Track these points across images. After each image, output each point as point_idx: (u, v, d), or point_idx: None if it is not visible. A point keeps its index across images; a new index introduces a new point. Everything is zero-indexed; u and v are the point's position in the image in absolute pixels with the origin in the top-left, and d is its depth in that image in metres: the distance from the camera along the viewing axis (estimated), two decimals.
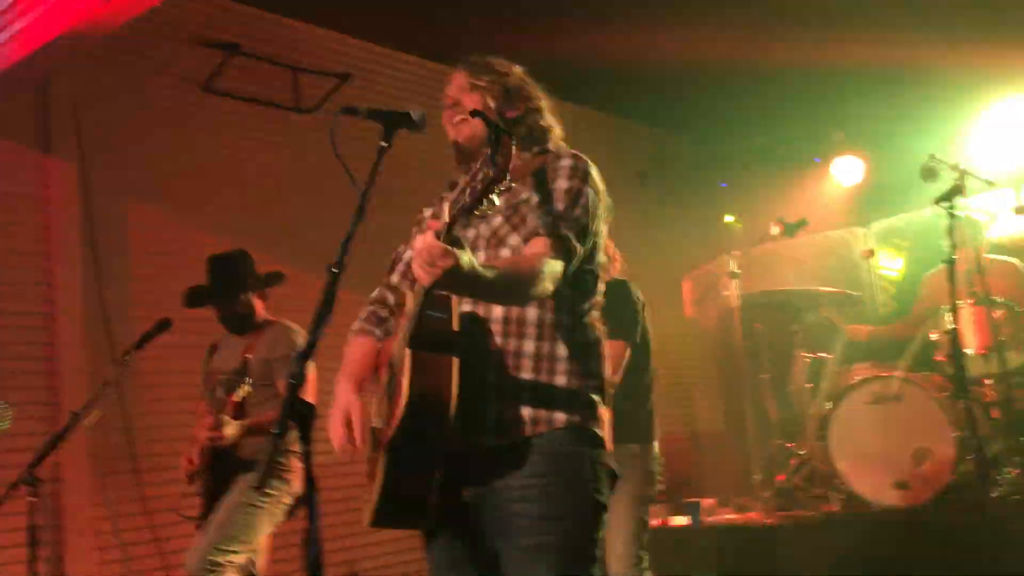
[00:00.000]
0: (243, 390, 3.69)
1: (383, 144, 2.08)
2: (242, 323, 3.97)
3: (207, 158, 5.29)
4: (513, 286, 2.01)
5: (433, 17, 5.79)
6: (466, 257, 1.80)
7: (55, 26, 3.92)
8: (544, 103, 2.35)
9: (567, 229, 2.09)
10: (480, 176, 1.78)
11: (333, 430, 2.14)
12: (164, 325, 3.80)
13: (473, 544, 2.15)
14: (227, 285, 3.95)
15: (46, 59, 4.18)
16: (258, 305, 4.06)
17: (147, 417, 4.79)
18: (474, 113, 2.05)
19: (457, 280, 1.81)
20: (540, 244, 2.07)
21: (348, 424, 2.12)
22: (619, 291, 3.73)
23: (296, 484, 3.77)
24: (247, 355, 3.86)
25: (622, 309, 3.69)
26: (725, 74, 6.80)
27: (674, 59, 6.54)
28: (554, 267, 2.04)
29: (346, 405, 2.16)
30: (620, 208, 2.34)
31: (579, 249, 2.12)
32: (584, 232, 2.14)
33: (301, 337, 3.85)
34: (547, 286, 2.03)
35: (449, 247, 1.77)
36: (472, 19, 5.73)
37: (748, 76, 6.84)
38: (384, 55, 6.23)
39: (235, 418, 3.72)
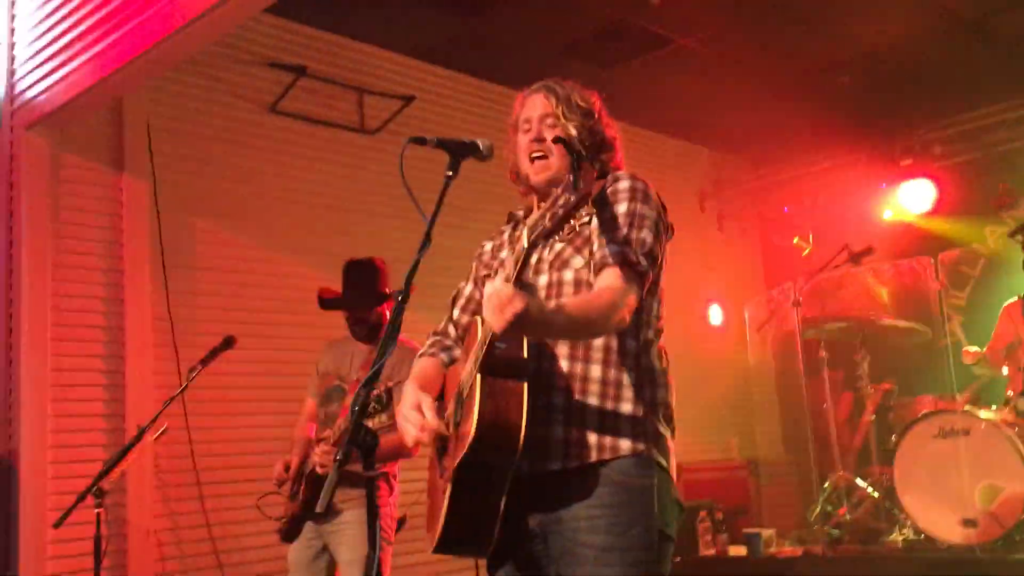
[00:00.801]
0: (379, 420, 3.57)
1: (449, 173, 2.09)
2: (370, 334, 3.83)
3: (273, 178, 5.39)
4: (588, 325, 2.01)
5: (497, 41, 5.83)
6: (535, 302, 1.81)
7: (131, 49, 4.03)
8: (614, 133, 2.34)
9: (635, 255, 2.07)
10: (561, 202, 1.78)
11: (404, 423, 2.11)
12: (229, 342, 3.85)
13: (536, 571, 2.13)
14: (363, 293, 3.86)
15: (122, 81, 4.30)
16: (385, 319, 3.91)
17: (209, 431, 4.87)
18: (556, 140, 2.03)
19: (527, 325, 1.82)
20: (611, 276, 2.05)
21: (419, 410, 2.09)
22: None
23: (392, 509, 3.74)
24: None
25: None
26: (790, 96, 6.74)
27: (738, 80, 6.51)
28: (628, 297, 2.03)
29: (415, 398, 2.13)
30: (679, 231, 2.30)
31: (650, 274, 2.10)
32: (652, 255, 2.11)
33: None
34: (624, 317, 2.02)
35: (519, 292, 1.79)
36: (532, 43, 5.77)
37: (815, 98, 6.77)
38: (448, 77, 6.28)
39: None
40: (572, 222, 2.16)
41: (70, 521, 3.53)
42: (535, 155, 2.26)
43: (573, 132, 2.22)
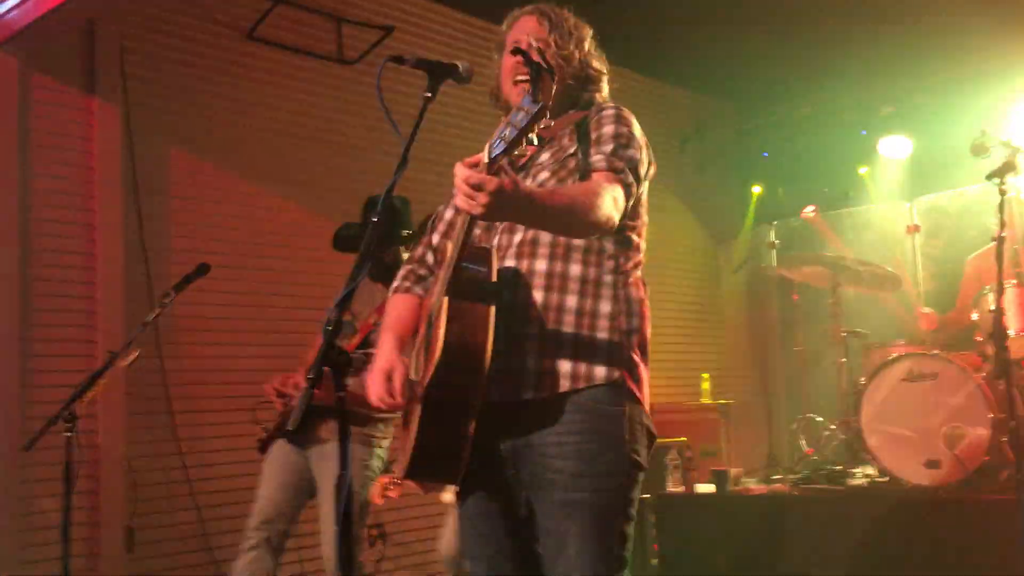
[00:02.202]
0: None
1: (427, 95, 2.05)
2: (386, 274, 3.62)
3: (248, 105, 5.30)
4: (573, 207, 1.93)
5: None
6: (510, 179, 1.76)
7: None
8: (595, 55, 2.31)
9: (622, 163, 2.06)
10: (520, 115, 1.74)
11: (372, 384, 2.13)
12: (203, 269, 3.81)
13: (506, 497, 2.15)
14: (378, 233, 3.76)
15: (92, 1, 4.18)
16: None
17: (182, 360, 4.86)
18: (515, 51, 2.02)
19: (507, 203, 1.75)
20: (597, 176, 2.04)
21: (389, 378, 2.11)
22: None
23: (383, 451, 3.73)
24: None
25: None
26: (772, 41, 6.68)
27: (720, 22, 6.43)
28: (615, 193, 1.99)
29: (388, 360, 2.14)
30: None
31: (634, 185, 2.08)
32: (636, 171, 2.09)
33: None
34: (610, 212, 1.97)
35: (488, 174, 1.73)
36: None
37: (796, 44, 6.72)
38: (429, 9, 6.18)
39: None
40: (548, 152, 2.14)
41: (42, 446, 3.51)
42: (519, 78, 2.22)
43: (552, 47, 2.19)
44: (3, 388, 4.36)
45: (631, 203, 2.09)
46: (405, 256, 3.63)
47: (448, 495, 3.80)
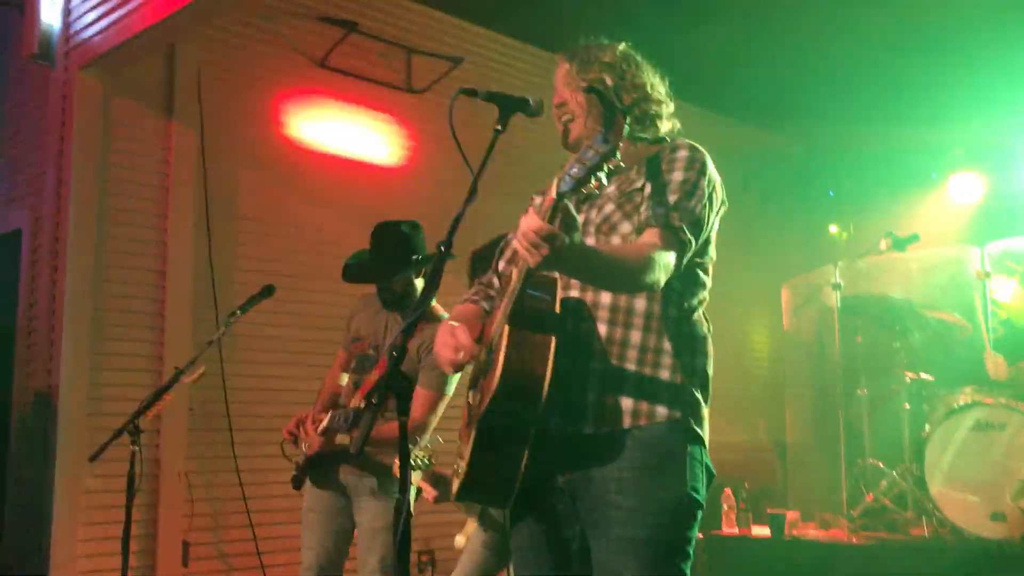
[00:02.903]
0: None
1: (498, 128, 2.09)
2: (397, 303, 3.57)
3: (318, 131, 5.41)
4: (622, 271, 1.98)
5: (548, 6, 5.77)
6: (573, 236, 1.78)
7: None
8: (655, 88, 2.28)
9: (680, 221, 2.05)
10: (590, 153, 1.76)
11: (440, 343, 2.13)
12: (268, 290, 3.87)
13: (559, 530, 2.14)
14: (387, 261, 3.55)
15: (175, 26, 4.33)
16: (420, 287, 3.62)
17: (243, 379, 4.94)
18: (589, 89, 2.00)
19: (562, 258, 1.78)
20: (652, 235, 2.04)
21: (454, 334, 2.11)
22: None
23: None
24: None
25: None
26: (844, 79, 6.62)
27: (790, 59, 6.40)
28: (666, 258, 2.01)
29: (451, 327, 2.14)
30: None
31: (692, 242, 2.08)
32: (698, 224, 2.09)
33: None
34: (658, 277, 1.99)
35: (553, 227, 1.75)
36: (581, 7, 5.69)
37: (868, 83, 6.65)
38: (497, 41, 6.25)
39: None
40: (614, 185, 2.14)
41: (106, 458, 3.59)
42: (562, 119, 2.26)
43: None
44: (72, 400, 4.49)
45: (687, 258, 2.09)
46: (418, 282, 3.58)
47: (460, 538, 3.74)
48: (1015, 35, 5.85)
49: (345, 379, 3.66)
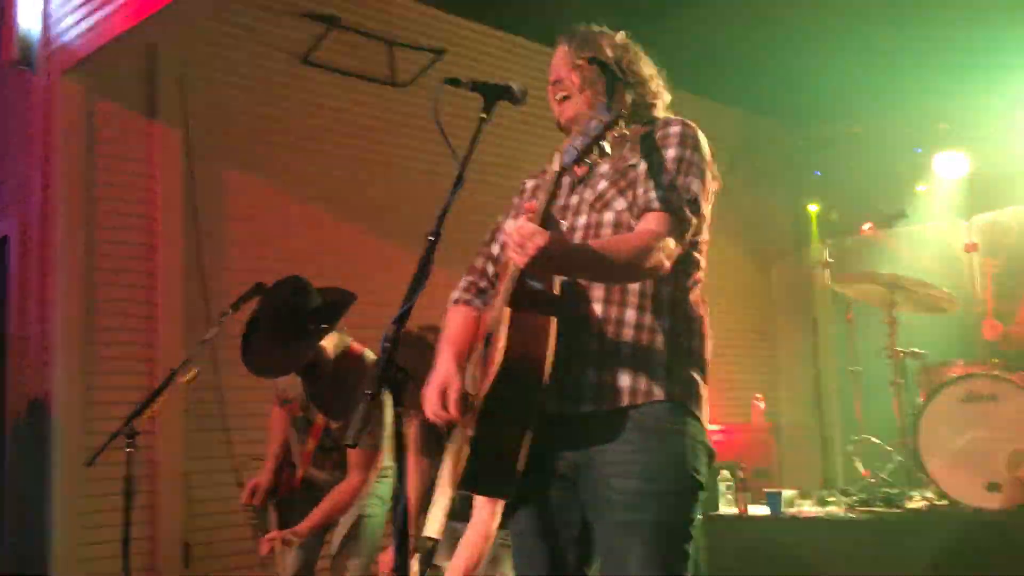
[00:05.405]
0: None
1: (483, 116, 2.09)
2: (309, 371, 3.54)
3: (303, 129, 5.40)
4: (617, 264, 1.98)
5: None
6: (557, 236, 1.81)
7: None
8: (650, 72, 2.31)
9: (680, 202, 2.06)
10: (593, 123, 1.76)
11: (429, 398, 2.14)
12: (259, 288, 3.86)
13: (559, 515, 2.15)
14: (291, 350, 3.42)
15: (155, 27, 4.31)
16: (327, 344, 3.52)
17: (238, 378, 4.92)
18: (591, 60, 2.00)
19: (552, 260, 1.81)
20: (653, 220, 2.04)
21: (444, 394, 2.12)
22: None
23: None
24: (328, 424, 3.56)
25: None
26: (823, 58, 6.63)
27: (770, 40, 6.41)
28: (667, 243, 2.01)
29: (445, 375, 2.15)
30: None
31: (693, 222, 2.08)
32: (697, 204, 2.09)
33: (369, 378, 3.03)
34: (662, 262, 2.00)
35: (540, 228, 1.78)
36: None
37: (848, 61, 6.66)
38: (480, 32, 6.24)
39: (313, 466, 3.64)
40: (609, 163, 2.14)
41: (103, 462, 3.57)
42: (557, 96, 2.27)
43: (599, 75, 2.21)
44: (66, 404, 4.49)
45: (689, 235, 2.09)
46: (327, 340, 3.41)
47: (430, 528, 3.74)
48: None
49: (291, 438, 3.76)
